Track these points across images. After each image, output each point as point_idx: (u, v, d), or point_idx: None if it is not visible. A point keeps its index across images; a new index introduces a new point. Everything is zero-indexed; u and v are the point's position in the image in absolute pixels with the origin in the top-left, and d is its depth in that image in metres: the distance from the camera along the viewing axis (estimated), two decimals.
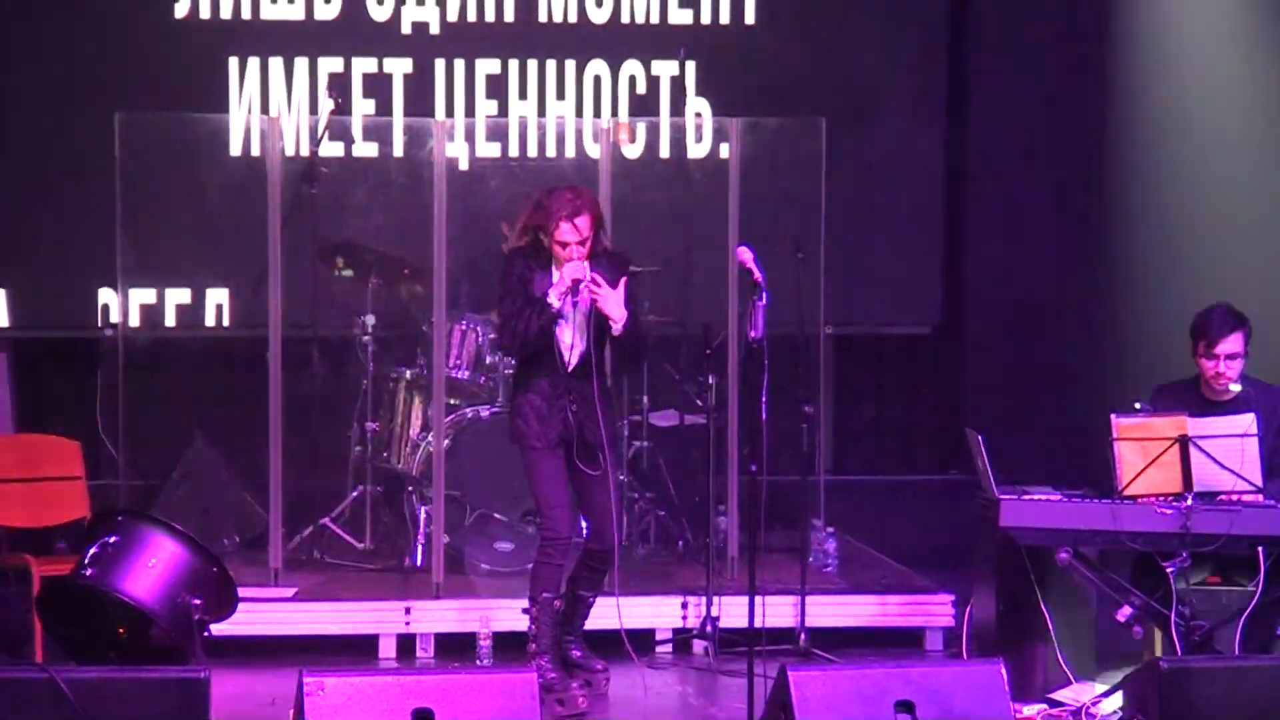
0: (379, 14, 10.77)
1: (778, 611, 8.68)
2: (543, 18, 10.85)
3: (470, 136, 9.59)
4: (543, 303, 7.78)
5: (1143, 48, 11.00)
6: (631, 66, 10.81)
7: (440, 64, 10.80)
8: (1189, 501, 7.70)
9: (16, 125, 10.63)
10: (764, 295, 7.27)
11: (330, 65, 10.62)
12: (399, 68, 10.78)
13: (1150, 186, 11.35)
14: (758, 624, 7.33)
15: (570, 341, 7.89)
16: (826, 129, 9.75)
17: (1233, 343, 8.08)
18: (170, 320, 10.69)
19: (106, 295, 10.49)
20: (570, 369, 7.91)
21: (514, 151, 9.93)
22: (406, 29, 10.77)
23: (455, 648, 8.83)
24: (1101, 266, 11.38)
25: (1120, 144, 11.36)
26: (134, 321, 10.52)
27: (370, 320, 9.84)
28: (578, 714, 7.78)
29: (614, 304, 7.78)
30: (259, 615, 8.67)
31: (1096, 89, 11.37)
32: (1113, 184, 11.38)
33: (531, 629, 8.07)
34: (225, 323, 10.71)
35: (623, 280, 7.81)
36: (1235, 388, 8.08)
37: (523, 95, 10.69)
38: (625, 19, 10.86)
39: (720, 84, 10.67)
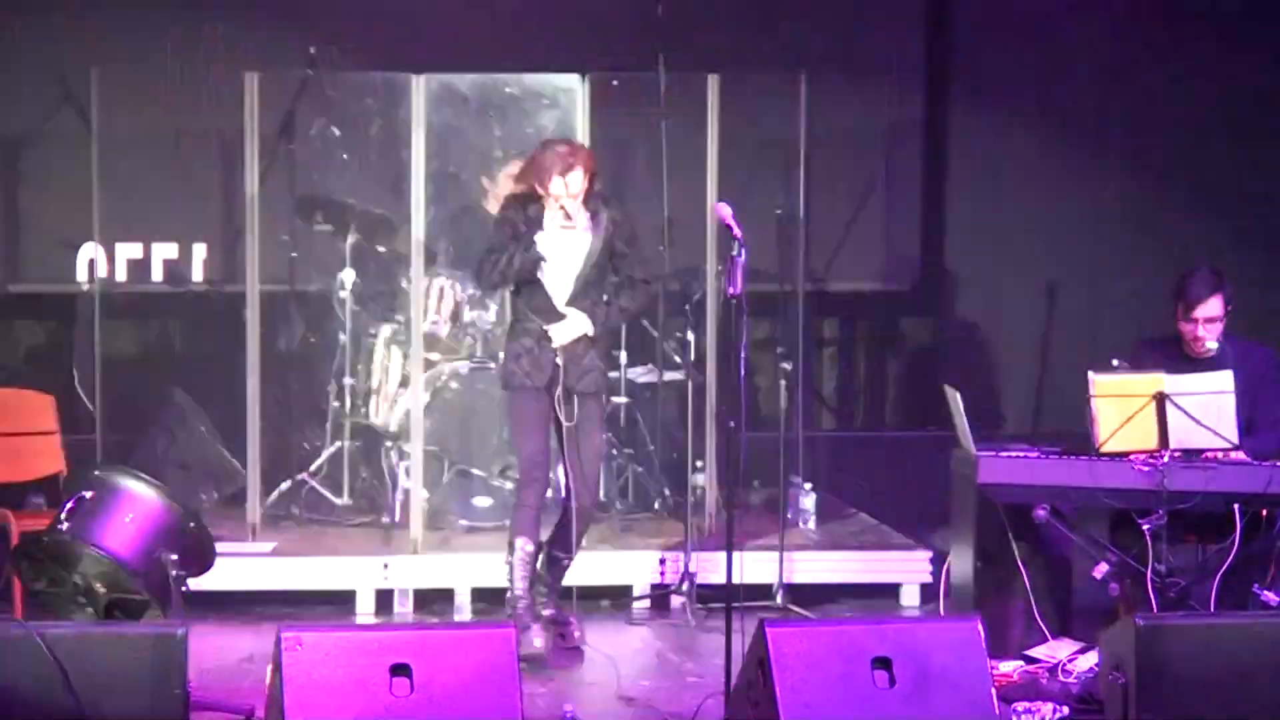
0: None
1: (756, 567, 8.67)
2: None
3: (449, 91, 9.55)
4: (528, 240, 7.84)
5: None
6: (609, 22, 10.78)
7: (418, 18, 10.77)
8: (1166, 459, 7.72)
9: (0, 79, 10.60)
10: (743, 252, 7.26)
11: (308, 18, 10.57)
12: (377, 21, 10.75)
13: (1130, 141, 11.39)
14: (735, 580, 7.34)
15: (562, 285, 7.94)
16: (806, 85, 9.73)
17: (1211, 306, 8.09)
18: (157, 275, 10.67)
19: (89, 249, 10.44)
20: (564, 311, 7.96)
21: (493, 106, 9.89)
22: None
23: (433, 603, 8.84)
24: (1081, 223, 11.40)
25: (1100, 98, 11.38)
26: (120, 276, 10.51)
27: (349, 276, 9.82)
28: (535, 655, 7.80)
29: (573, 331, 7.92)
30: (237, 570, 8.67)
31: (1078, 44, 11.38)
32: (1092, 140, 11.40)
33: (508, 574, 8.08)
34: (199, 277, 10.70)
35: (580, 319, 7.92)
36: (1213, 345, 8.10)
37: (501, 50, 10.65)
38: None
39: (699, 38, 10.62)
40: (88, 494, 7.36)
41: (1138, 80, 11.36)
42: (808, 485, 9.76)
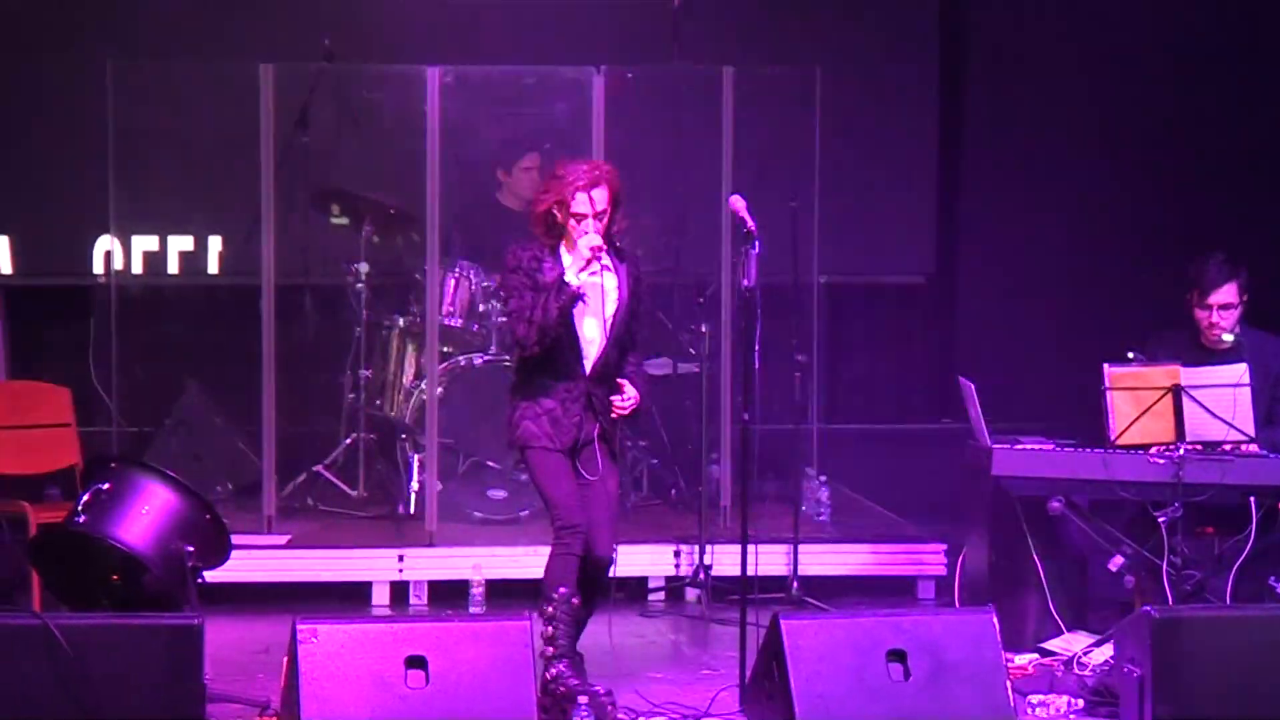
0: None
1: (770, 560, 8.68)
2: None
3: (464, 83, 9.56)
4: (560, 283, 7.16)
5: None
6: (624, 15, 10.78)
7: (433, 10, 10.78)
8: (1181, 451, 7.71)
9: (16, 71, 10.60)
10: (757, 244, 7.26)
11: (323, 11, 10.57)
12: (392, 14, 10.76)
13: (1147, 132, 11.37)
14: (750, 572, 7.34)
15: (592, 337, 7.27)
16: (820, 78, 9.73)
17: (1226, 293, 8.09)
18: (173, 268, 10.69)
19: (105, 242, 10.44)
20: (589, 372, 7.29)
21: (508, 99, 9.91)
22: None
23: (448, 595, 8.85)
24: (1096, 215, 11.38)
25: (1117, 89, 11.37)
26: (136, 268, 10.54)
27: (364, 268, 9.83)
28: None
29: (627, 407, 7.35)
30: (252, 562, 8.69)
31: (1093, 36, 11.36)
32: (1108, 131, 11.38)
33: (547, 630, 7.21)
34: (215, 270, 10.73)
35: (635, 395, 7.35)
36: (1229, 338, 8.09)
37: (517, 42, 10.66)
38: None
39: (714, 32, 10.63)
40: (104, 486, 7.37)
41: (1154, 71, 11.34)
42: (822, 478, 9.76)
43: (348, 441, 9.90)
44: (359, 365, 9.86)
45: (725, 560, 8.80)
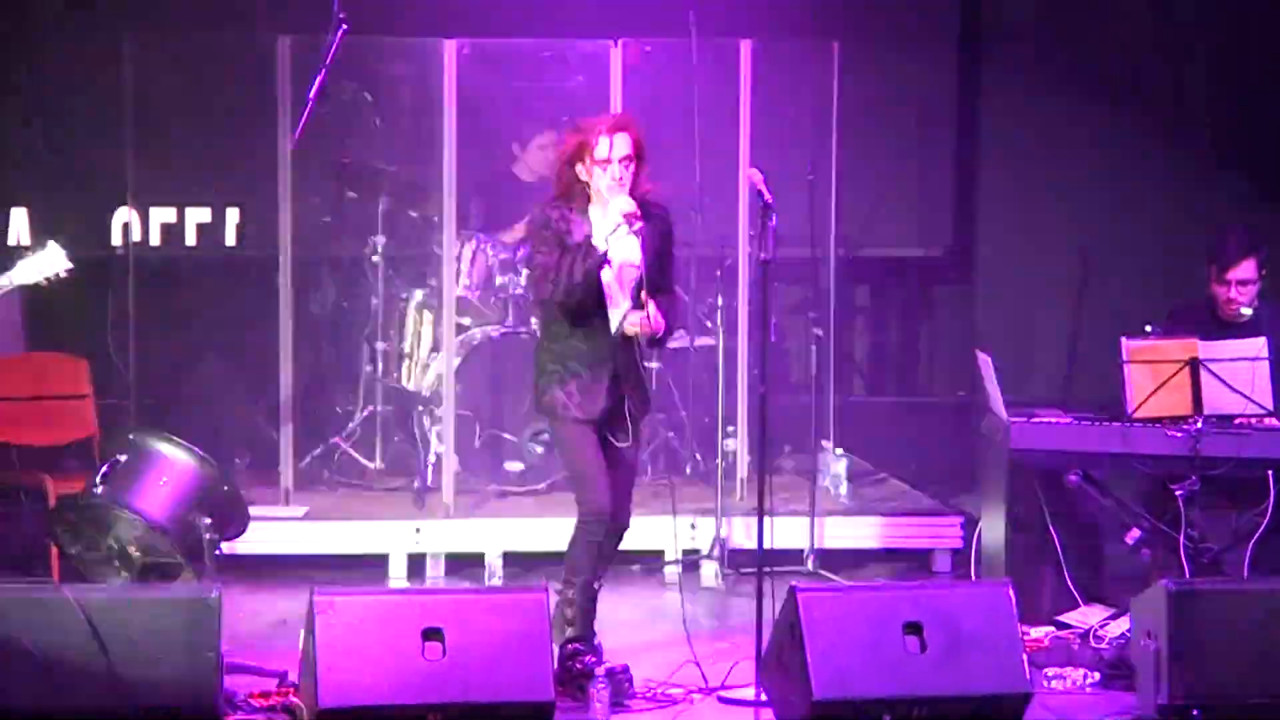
0: None
1: (787, 532, 8.68)
2: None
3: (482, 56, 9.54)
4: (588, 245, 7.05)
5: None
6: None
7: None
8: (1199, 424, 7.71)
9: (34, 42, 10.59)
10: (774, 217, 7.25)
11: None
12: None
13: (1166, 104, 11.33)
14: (767, 545, 7.34)
15: (619, 303, 7.20)
16: (839, 51, 9.71)
17: (1245, 269, 8.08)
18: (191, 239, 10.70)
19: (123, 214, 10.45)
20: (616, 337, 7.20)
21: (525, 72, 9.90)
22: None
23: (465, 567, 8.87)
24: (1115, 188, 11.36)
25: (1136, 63, 11.33)
26: (154, 240, 10.54)
27: (381, 240, 9.83)
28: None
29: (648, 325, 7.15)
30: (270, 534, 8.71)
31: (1112, 8, 11.32)
32: (1127, 104, 11.35)
33: (567, 612, 7.25)
34: (233, 241, 10.73)
35: (660, 321, 7.16)
36: (1247, 312, 8.09)
37: (534, 15, 10.63)
38: None
39: (732, 4, 10.60)
40: (122, 458, 7.40)
41: (1173, 46, 11.30)
42: (839, 450, 9.76)
43: (365, 414, 9.91)
44: (376, 337, 9.87)
45: (742, 533, 8.81)
